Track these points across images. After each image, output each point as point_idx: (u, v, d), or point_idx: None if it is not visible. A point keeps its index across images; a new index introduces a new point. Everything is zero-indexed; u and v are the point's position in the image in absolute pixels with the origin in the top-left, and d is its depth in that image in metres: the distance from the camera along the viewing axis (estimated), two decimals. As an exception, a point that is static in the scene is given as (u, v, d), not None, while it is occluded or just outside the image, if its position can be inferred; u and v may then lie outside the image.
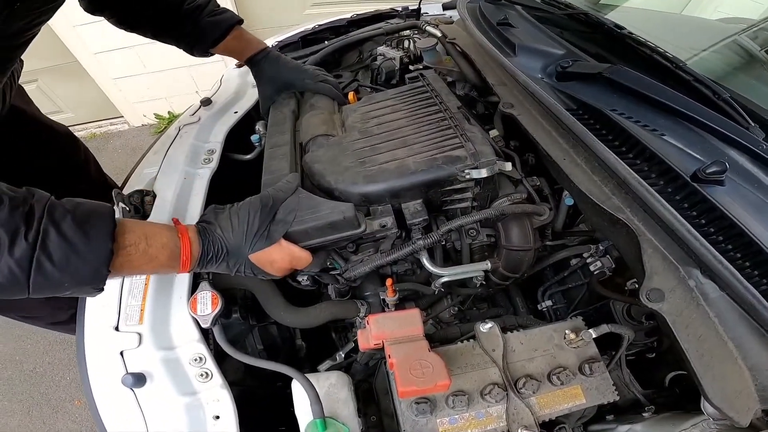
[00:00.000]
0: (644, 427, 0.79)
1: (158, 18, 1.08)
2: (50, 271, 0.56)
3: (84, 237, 0.57)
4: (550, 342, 0.76)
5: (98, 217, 0.61)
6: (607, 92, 0.90)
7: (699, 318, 0.63)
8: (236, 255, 0.75)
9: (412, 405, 0.68)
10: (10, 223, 0.53)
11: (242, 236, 0.74)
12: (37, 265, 0.54)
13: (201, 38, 1.12)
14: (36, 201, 0.57)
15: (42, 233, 0.55)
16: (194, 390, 0.80)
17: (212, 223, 0.75)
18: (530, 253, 0.91)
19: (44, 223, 0.55)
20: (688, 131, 0.80)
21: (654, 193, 0.65)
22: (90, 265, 0.58)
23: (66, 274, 0.57)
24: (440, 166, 0.84)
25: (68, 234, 0.56)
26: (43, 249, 0.55)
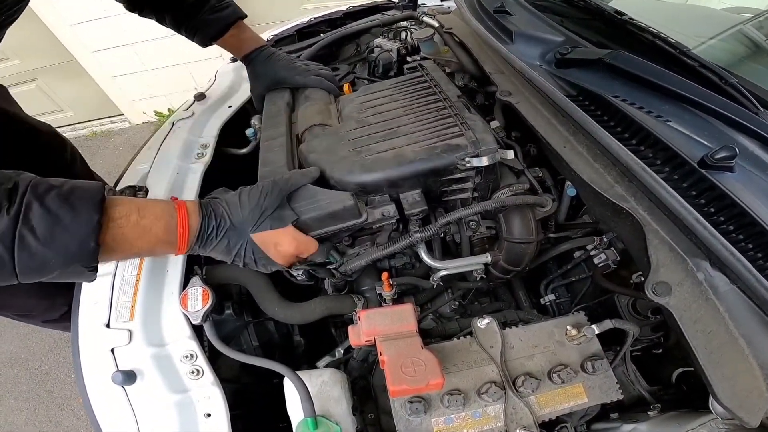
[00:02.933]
0: (649, 426, 0.76)
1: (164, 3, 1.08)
2: (34, 246, 0.52)
3: (70, 209, 0.54)
4: (551, 338, 0.73)
5: (85, 190, 0.58)
6: (609, 78, 0.87)
7: (708, 313, 0.59)
8: (239, 232, 0.70)
9: (406, 404, 0.66)
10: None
11: (249, 213, 0.69)
12: (20, 239, 0.51)
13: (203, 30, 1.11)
14: (21, 179, 0.54)
15: (24, 207, 0.52)
16: (185, 387, 0.79)
17: (218, 198, 0.72)
18: (532, 245, 0.88)
19: (27, 198, 0.52)
20: (694, 117, 0.76)
21: (659, 180, 0.61)
22: (76, 237, 0.54)
23: (51, 248, 0.53)
24: (440, 154, 0.81)
25: (52, 207, 0.53)
26: (26, 222, 0.52)
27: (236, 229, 0.70)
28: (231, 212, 0.69)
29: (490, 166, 0.82)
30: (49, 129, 1.33)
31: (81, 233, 0.55)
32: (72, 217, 0.54)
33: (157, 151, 1.07)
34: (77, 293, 0.88)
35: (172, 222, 0.65)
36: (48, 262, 0.54)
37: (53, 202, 0.54)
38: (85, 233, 0.55)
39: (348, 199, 0.77)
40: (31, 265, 0.54)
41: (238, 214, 0.69)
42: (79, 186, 0.58)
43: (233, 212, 0.69)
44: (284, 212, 0.72)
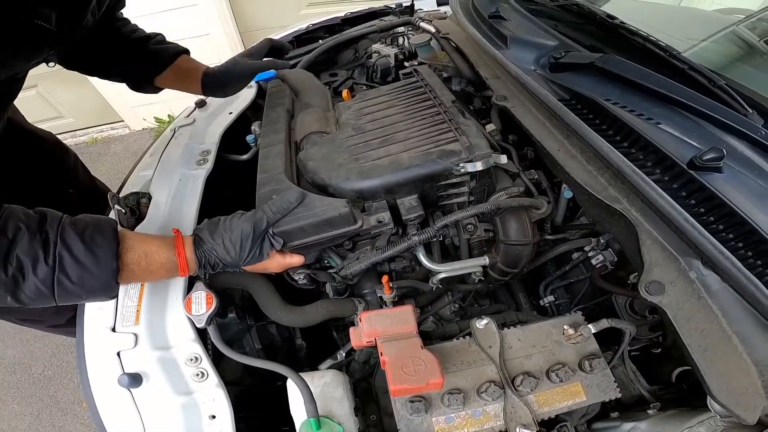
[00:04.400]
0: (649, 424, 0.77)
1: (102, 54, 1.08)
2: (69, 287, 0.67)
3: (93, 258, 0.68)
4: (549, 338, 0.74)
5: (103, 237, 0.70)
6: (601, 82, 0.88)
7: (701, 311, 0.61)
8: (231, 267, 0.82)
9: (407, 404, 0.67)
10: (30, 251, 0.64)
11: (236, 256, 0.79)
12: (58, 282, 0.66)
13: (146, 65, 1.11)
14: (49, 226, 0.67)
15: (58, 258, 0.65)
16: (190, 390, 0.80)
17: (207, 241, 0.79)
18: (529, 247, 0.90)
19: (59, 249, 0.66)
20: (684, 119, 0.78)
21: (649, 182, 0.63)
22: (100, 281, 0.69)
23: (83, 288, 0.68)
24: (435, 160, 0.82)
25: (80, 257, 0.67)
26: (62, 270, 0.66)
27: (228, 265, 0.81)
28: (220, 257, 0.79)
29: (484, 170, 0.83)
30: (51, 137, 1.35)
31: (104, 278, 0.69)
32: (95, 265, 0.68)
33: (159, 158, 1.09)
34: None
35: (173, 267, 0.78)
36: (81, 295, 0.70)
37: (80, 252, 0.67)
38: (107, 278, 0.70)
39: (343, 207, 0.79)
40: (68, 298, 0.69)
41: (225, 256, 0.79)
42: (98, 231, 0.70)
43: (222, 257, 0.79)
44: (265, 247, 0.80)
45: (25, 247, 0.63)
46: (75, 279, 0.66)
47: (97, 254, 0.68)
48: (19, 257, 0.63)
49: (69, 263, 0.66)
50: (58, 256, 0.65)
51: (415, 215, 0.84)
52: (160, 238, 0.80)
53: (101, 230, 0.71)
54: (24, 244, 0.63)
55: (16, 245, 0.63)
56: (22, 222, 0.65)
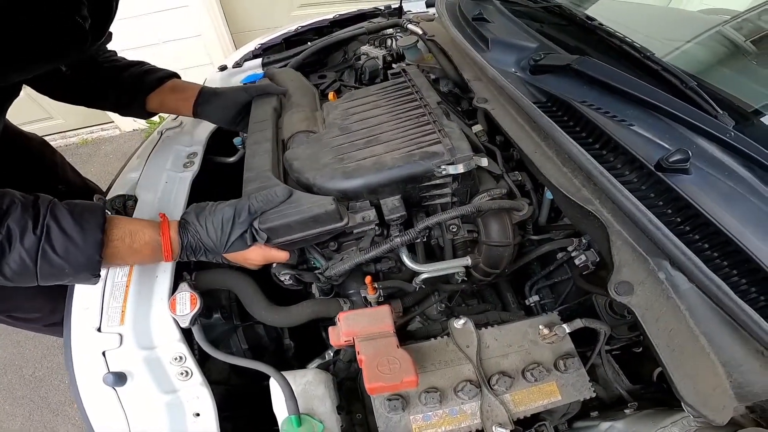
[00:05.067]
0: (625, 424, 0.78)
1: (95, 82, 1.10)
2: (53, 258, 0.68)
3: (80, 230, 0.70)
4: (525, 338, 0.75)
5: (91, 214, 0.73)
6: (578, 84, 0.89)
7: (669, 311, 0.62)
8: (213, 252, 0.83)
9: (385, 402, 0.68)
10: (21, 221, 0.66)
11: (217, 240, 0.80)
12: (42, 253, 0.67)
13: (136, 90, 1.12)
14: (41, 202, 0.70)
15: (46, 228, 0.68)
16: (174, 388, 0.81)
17: (192, 223, 0.81)
18: (509, 248, 0.91)
19: (47, 220, 0.68)
20: (657, 121, 0.79)
21: (616, 183, 0.64)
22: (84, 252, 0.70)
23: (66, 260, 0.69)
24: (417, 161, 0.83)
25: (67, 228, 0.69)
26: (48, 240, 0.67)
27: (210, 251, 0.82)
28: (202, 239, 0.80)
29: (466, 172, 0.84)
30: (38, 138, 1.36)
31: (88, 250, 0.71)
32: (81, 236, 0.70)
33: (146, 160, 1.10)
34: (69, 299, 0.91)
35: (157, 248, 0.79)
36: (63, 270, 0.70)
37: (68, 223, 0.69)
38: (91, 250, 0.71)
39: (329, 204, 0.79)
40: (50, 272, 0.70)
41: (208, 240, 0.80)
42: (87, 209, 0.74)
43: (203, 239, 0.80)
44: (248, 236, 0.80)
45: (17, 217, 0.66)
46: (60, 250, 0.68)
47: (84, 227, 0.70)
48: (9, 226, 0.65)
49: (56, 234, 0.68)
50: (46, 227, 0.67)
51: (397, 215, 0.85)
52: (146, 220, 0.82)
53: (90, 208, 0.74)
54: (16, 215, 0.66)
55: (8, 216, 0.66)
56: (17, 198, 0.68)
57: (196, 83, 1.17)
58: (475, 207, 0.84)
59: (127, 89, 1.10)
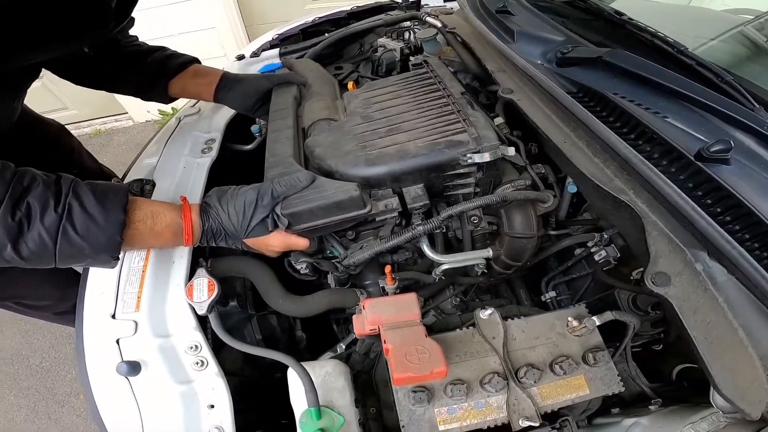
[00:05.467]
0: (651, 420, 0.76)
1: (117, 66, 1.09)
2: (74, 237, 0.66)
3: (102, 209, 0.68)
4: (553, 330, 0.73)
5: (114, 194, 0.71)
6: (608, 76, 0.88)
7: (707, 303, 0.60)
8: (233, 237, 0.81)
9: (409, 394, 0.67)
10: (42, 198, 0.64)
11: (238, 224, 0.78)
12: (63, 231, 0.65)
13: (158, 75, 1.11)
14: (63, 181, 0.68)
15: (68, 206, 0.66)
16: (189, 378, 0.79)
17: (213, 206, 0.79)
18: (533, 240, 0.89)
19: (69, 198, 0.66)
20: (690, 113, 0.78)
21: (657, 173, 0.63)
22: (106, 233, 0.68)
23: (86, 240, 0.67)
24: (441, 150, 0.82)
25: (89, 207, 0.67)
26: (69, 219, 0.65)
27: (230, 236, 0.80)
28: (223, 223, 0.78)
29: (491, 162, 0.83)
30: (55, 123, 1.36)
31: (110, 230, 0.69)
32: (104, 216, 0.68)
33: (164, 146, 1.09)
34: (83, 284, 0.89)
35: (178, 230, 0.77)
36: (83, 250, 0.68)
37: (90, 202, 0.67)
38: (113, 230, 0.69)
39: (354, 190, 0.78)
40: (69, 252, 0.67)
41: (229, 224, 0.78)
42: (110, 188, 0.72)
43: (224, 223, 0.78)
44: (270, 221, 0.78)
45: (38, 194, 0.64)
46: (80, 229, 0.66)
47: (106, 206, 0.68)
48: (29, 203, 0.63)
49: (77, 212, 0.66)
50: (67, 206, 0.66)
51: (420, 204, 0.84)
52: (168, 203, 0.80)
53: (114, 189, 0.72)
54: (37, 192, 0.64)
55: (29, 192, 0.64)
56: (39, 175, 0.67)
57: (217, 69, 1.17)
58: (500, 196, 0.83)
59: (149, 74, 1.09)
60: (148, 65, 1.09)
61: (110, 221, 0.68)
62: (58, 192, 0.66)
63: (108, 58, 1.07)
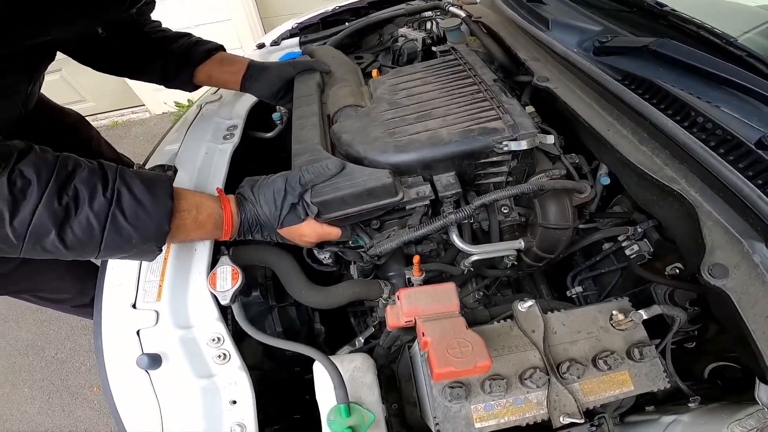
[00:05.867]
0: (692, 417, 0.73)
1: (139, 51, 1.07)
2: (123, 224, 0.64)
3: (151, 197, 0.66)
4: (595, 324, 0.70)
5: (160, 182, 0.70)
6: (652, 66, 0.84)
7: (766, 296, 0.57)
8: (268, 227, 0.79)
9: (446, 389, 0.63)
10: (90, 182, 0.62)
11: (270, 214, 0.77)
12: (112, 218, 0.63)
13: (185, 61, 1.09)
14: (108, 167, 0.66)
15: (117, 192, 0.64)
16: (211, 372, 0.76)
17: (248, 197, 0.78)
18: (568, 232, 0.86)
19: (118, 183, 0.64)
20: (744, 103, 0.74)
21: (720, 160, 0.59)
22: (155, 220, 0.67)
23: (136, 228, 0.65)
24: (476, 137, 0.79)
25: (138, 193, 0.65)
26: (118, 204, 0.63)
27: (265, 226, 0.79)
28: (258, 213, 0.77)
29: (527, 150, 0.80)
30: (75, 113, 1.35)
31: (159, 217, 0.67)
32: (153, 204, 0.66)
33: (185, 133, 1.07)
34: (101, 275, 0.86)
35: (219, 220, 0.76)
36: (131, 239, 0.65)
37: (138, 189, 0.66)
38: (161, 218, 0.67)
39: (386, 177, 0.75)
40: (117, 241, 0.65)
41: (263, 214, 0.77)
42: (155, 176, 0.70)
43: (259, 213, 0.77)
44: (300, 209, 0.77)
45: (84, 178, 0.62)
46: (130, 216, 0.64)
47: (155, 193, 0.67)
48: (77, 187, 0.61)
49: (126, 198, 0.64)
50: (116, 191, 0.64)
51: (452, 192, 0.81)
52: (207, 194, 0.79)
53: (158, 177, 0.71)
54: (84, 176, 0.62)
55: (75, 176, 0.62)
56: (82, 161, 0.65)
57: (243, 57, 1.15)
58: (536, 185, 0.79)
59: (175, 60, 1.08)
60: (174, 51, 1.07)
61: (159, 208, 0.67)
62: (104, 177, 0.64)
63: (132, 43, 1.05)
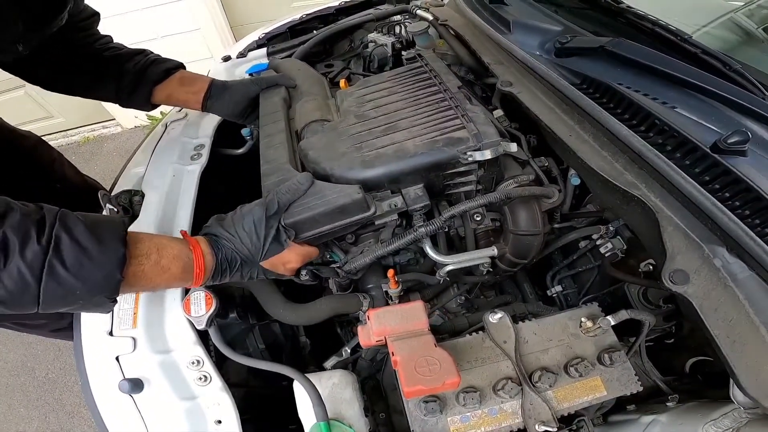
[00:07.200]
0: (670, 417, 0.75)
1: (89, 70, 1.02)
2: (63, 275, 0.55)
3: (97, 242, 0.58)
4: (566, 331, 0.71)
5: (109, 224, 0.62)
6: (610, 66, 0.85)
7: (728, 301, 0.58)
8: (250, 264, 0.74)
9: (421, 404, 0.64)
10: (21, 227, 0.54)
11: (252, 246, 0.72)
12: (49, 268, 0.54)
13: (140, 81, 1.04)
14: (47, 210, 0.58)
15: (55, 238, 0.55)
16: (193, 394, 0.77)
17: (220, 234, 0.72)
18: (539, 237, 0.87)
19: (56, 229, 0.56)
20: (700, 103, 0.75)
21: (672, 166, 0.60)
22: (103, 269, 0.58)
23: (79, 278, 0.56)
24: (441, 148, 0.79)
25: (81, 239, 0.57)
26: (56, 252, 0.55)
27: (246, 263, 0.73)
28: (237, 249, 0.71)
29: (493, 158, 0.80)
30: (33, 135, 1.31)
31: (108, 265, 0.58)
32: (99, 249, 0.58)
33: (151, 154, 1.05)
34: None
35: (188, 263, 0.68)
36: (74, 291, 0.57)
37: (82, 233, 0.57)
38: (111, 266, 0.59)
39: (356, 193, 0.75)
40: (57, 294, 0.56)
41: (243, 248, 0.71)
42: (104, 219, 0.62)
43: (239, 249, 0.71)
44: (282, 236, 0.73)
45: (15, 223, 0.53)
46: (71, 264, 0.55)
47: (102, 237, 0.58)
48: (6, 234, 0.52)
49: (67, 245, 0.55)
50: (54, 237, 0.55)
51: (421, 205, 0.81)
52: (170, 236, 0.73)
53: (108, 219, 0.63)
54: (14, 221, 0.54)
55: (5, 221, 0.53)
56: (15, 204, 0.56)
57: (203, 76, 1.12)
58: (503, 194, 0.80)
59: (131, 80, 1.03)
60: (129, 71, 1.03)
61: (107, 255, 0.58)
62: (41, 222, 0.56)
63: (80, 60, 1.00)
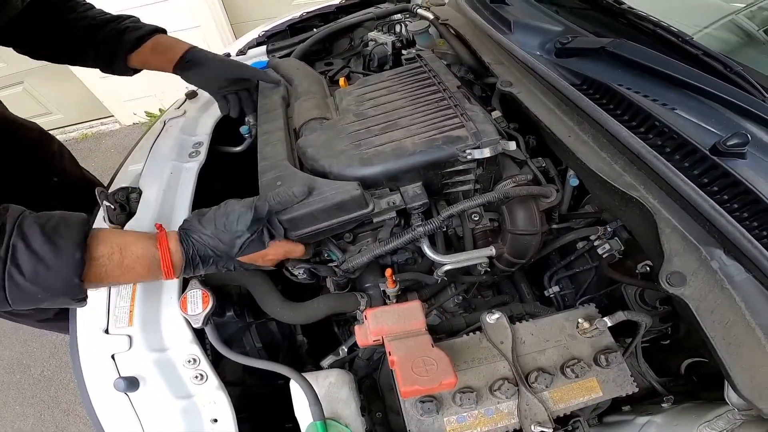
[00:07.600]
0: (665, 418, 0.75)
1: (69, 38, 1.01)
2: (22, 283, 0.57)
3: (52, 249, 0.58)
4: (562, 332, 0.71)
5: (67, 228, 0.61)
6: (611, 67, 0.85)
7: (724, 303, 0.58)
8: (225, 258, 0.73)
9: (417, 404, 0.64)
10: None
11: (230, 242, 0.70)
12: (9, 277, 0.56)
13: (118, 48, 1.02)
14: (8, 216, 0.59)
15: (12, 247, 0.57)
16: (189, 393, 0.77)
17: (195, 229, 0.71)
18: (537, 237, 0.87)
19: (14, 238, 0.57)
20: (700, 105, 0.75)
21: (672, 168, 0.60)
22: (59, 276, 0.59)
23: (37, 285, 0.58)
24: (440, 146, 0.79)
25: (35, 247, 0.58)
26: (13, 261, 0.57)
27: (221, 257, 0.72)
28: (211, 244, 0.70)
29: (491, 157, 0.80)
30: (35, 127, 1.31)
31: (64, 272, 0.59)
32: (54, 256, 0.58)
33: (149, 151, 1.04)
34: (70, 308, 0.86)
35: (154, 261, 0.68)
36: (35, 296, 0.59)
37: (37, 241, 0.58)
38: (68, 272, 0.59)
39: (354, 189, 0.75)
40: (21, 298, 0.59)
41: (218, 246, 0.70)
42: (64, 222, 0.62)
43: (213, 244, 0.70)
44: (266, 235, 0.72)
45: None
46: (28, 273, 0.57)
47: (58, 244, 0.59)
48: None
49: (23, 254, 0.57)
50: (11, 246, 0.56)
51: (419, 203, 0.81)
52: (140, 232, 0.72)
53: (67, 221, 0.63)
54: None
55: None
56: None
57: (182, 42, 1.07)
58: (502, 193, 0.80)
59: (106, 50, 1.01)
60: (102, 40, 1.00)
61: (63, 261, 0.59)
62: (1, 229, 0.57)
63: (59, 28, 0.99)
